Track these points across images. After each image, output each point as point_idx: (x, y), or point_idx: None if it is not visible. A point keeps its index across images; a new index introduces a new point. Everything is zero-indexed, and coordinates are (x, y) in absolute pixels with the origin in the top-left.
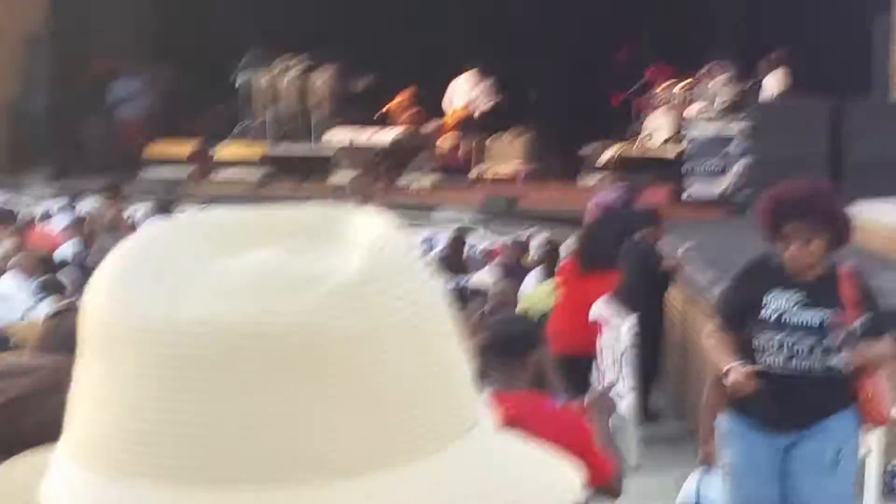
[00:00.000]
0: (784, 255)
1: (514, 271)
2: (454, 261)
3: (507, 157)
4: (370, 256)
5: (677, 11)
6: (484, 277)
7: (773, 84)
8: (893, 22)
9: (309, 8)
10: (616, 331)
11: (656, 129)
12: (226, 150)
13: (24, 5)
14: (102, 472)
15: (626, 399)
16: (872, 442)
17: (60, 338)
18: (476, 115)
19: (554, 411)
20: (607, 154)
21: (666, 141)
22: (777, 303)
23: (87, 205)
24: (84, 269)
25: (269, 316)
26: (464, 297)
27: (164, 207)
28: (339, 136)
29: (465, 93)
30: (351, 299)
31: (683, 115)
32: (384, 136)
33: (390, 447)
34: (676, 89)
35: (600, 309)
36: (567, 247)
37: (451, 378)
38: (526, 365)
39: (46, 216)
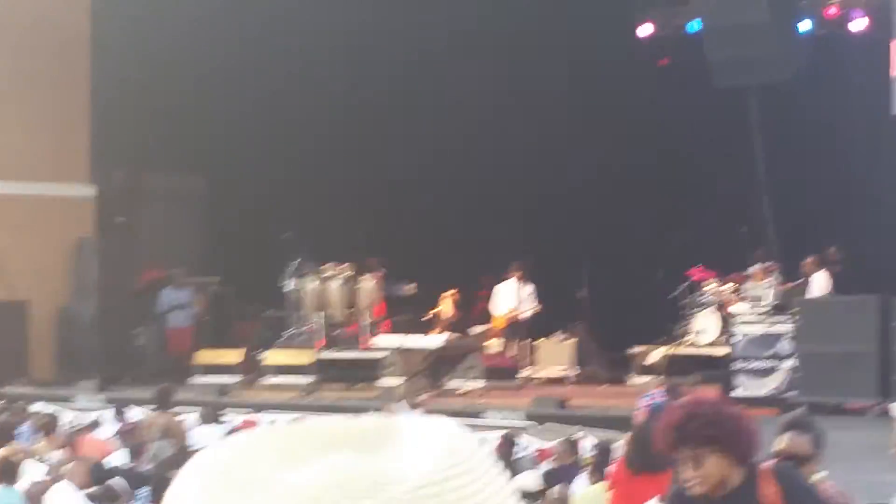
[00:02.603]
0: (681, 483)
1: (565, 473)
2: (503, 463)
3: (555, 359)
4: (437, 459)
5: (723, 211)
6: (527, 480)
7: (820, 281)
8: None
9: (352, 219)
10: None
11: (703, 328)
12: (274, 356)
13: (72, 208)
14: None
15: None
16: None
17: None
18: (521, 319)
19: None
20: (655, 354)
21: (713, 341)
22: None
23: (136, 413)
24: (135, 477)
25: None
26: None
27: (213, 414)
28: (387, 341)
29: (509, 297)
30: (423, 500)
31: (730, 315)
32: (433, 340)
33: None
34: (723, 289)
35: None
36: (617, 448)
37: None
38: None
39: (95, 425)
